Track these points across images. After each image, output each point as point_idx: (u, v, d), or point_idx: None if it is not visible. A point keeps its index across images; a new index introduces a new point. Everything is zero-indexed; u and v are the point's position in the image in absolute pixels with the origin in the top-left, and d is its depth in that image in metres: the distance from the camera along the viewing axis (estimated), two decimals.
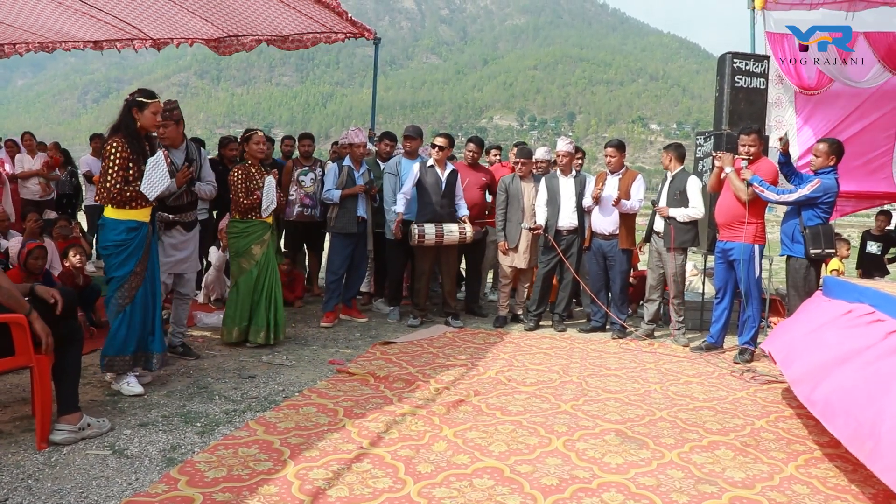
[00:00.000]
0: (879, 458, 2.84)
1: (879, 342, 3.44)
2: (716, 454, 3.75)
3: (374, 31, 8.32)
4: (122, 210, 4.35)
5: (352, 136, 7.01)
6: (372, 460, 3.49)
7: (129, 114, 4.39)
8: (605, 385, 5.12)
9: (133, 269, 4.36)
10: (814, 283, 5.78)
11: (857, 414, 3.10)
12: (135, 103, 4.39)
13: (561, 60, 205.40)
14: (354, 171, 6.97)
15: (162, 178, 4.42)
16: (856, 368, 3.42)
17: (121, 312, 4.36)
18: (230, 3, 7.08)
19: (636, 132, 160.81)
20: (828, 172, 5.68)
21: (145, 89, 4.49)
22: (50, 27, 8.08)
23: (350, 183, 6.90)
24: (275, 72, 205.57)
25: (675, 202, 6.58)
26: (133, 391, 4.43)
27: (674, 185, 6.64)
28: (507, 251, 7.24)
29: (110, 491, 3.05)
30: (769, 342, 5.04)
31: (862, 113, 8.38)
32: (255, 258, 5.80)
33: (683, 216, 6.54)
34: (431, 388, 4.79)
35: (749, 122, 6.48)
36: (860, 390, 3.22)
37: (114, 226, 4.35)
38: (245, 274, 5.80)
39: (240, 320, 5.81)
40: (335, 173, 6.95)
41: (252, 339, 5.84)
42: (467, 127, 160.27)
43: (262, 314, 5.82)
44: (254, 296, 5.81)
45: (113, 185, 4.27)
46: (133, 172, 4.34)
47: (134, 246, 4.36)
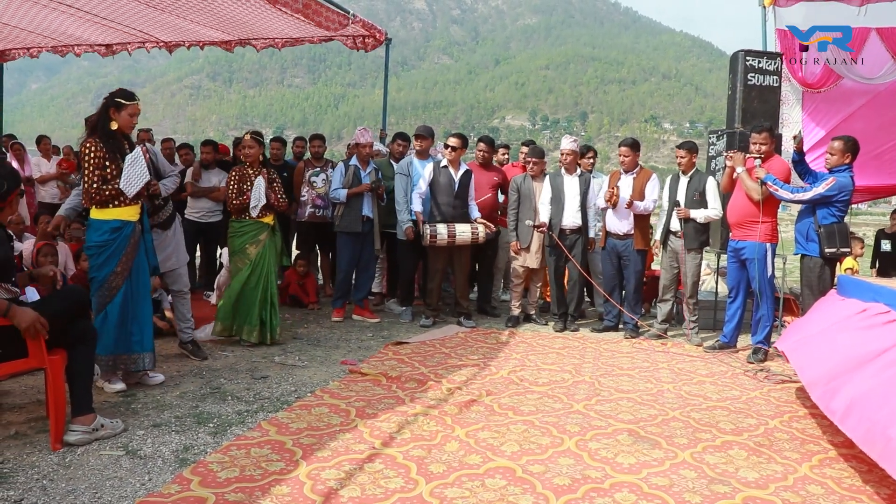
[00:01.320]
0: (892, 458, 2.81)
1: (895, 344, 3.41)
2: (729, 454, 3.73)
3: (385, 32, 8.33)
4: (105, 210, 4.38)
5: (358, 136, 7.10)
6: (384, 460, 3.49)
7: (105, 113, 4.40)
8: (618, 385, 5.10)
9: (114, 269, 4.37)
10: (828, 281, 5.73)
11: (871, 414, 3.08)
12: (113, 103, 4.40)
13: (573, 60, 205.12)
14: (361, 171, 7.03)
15: (141, 175, 4.42)
16: (871, 370, 3.39)
17: (100, 313, 4.36)
18: (239, 16, 7.11)
19: (649, 131, 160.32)
20: (843, 170, 5.63)
21: (125, 90, 4.49)
22: (63, 31, 8.15)
23: (356, 182, 6.96)
24: (287, 73, 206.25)
25: (695, 203, 6.54)
26: (113, 388, 4.47)
27: (692, 185, 6.60)
28: (519, 251, 7.23)
29: (124, 491, 3.06)
30: (783, 341, 5.01)
31: (873, 109, 8.31)
32: (250, 258, 5.88)
33: (703, 217, 6.50)
34: (444, 388, 4.78)
35: (761, 121, 6.44)
36: (875, 391, 3.19)
37: (98, 226, 4.38)
38: (239, 273, 5.90)
39: (224, 317, 5.89)
40: (342, 172, 7.02)
41: (246, 337, 5.89)
42: (479, 127, 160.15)
43: (256, 313, 5.87)
44: (246, 294, 5.86)
45: (91, 185, 4.30)
46: (111, 171, 4.35)
47: (116, 246, 4.37)
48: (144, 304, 4.60)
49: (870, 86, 8.23)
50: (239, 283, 5.86)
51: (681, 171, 6.75)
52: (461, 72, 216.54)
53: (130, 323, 4.50)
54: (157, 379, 4.70)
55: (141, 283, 4.56)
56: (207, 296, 7.99)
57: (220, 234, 7.93)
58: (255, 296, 5.84)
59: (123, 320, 4.46)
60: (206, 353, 5.55)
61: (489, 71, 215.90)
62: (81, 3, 6.92)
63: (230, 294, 5.88)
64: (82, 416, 3.61)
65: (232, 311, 5.88)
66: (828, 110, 8.38)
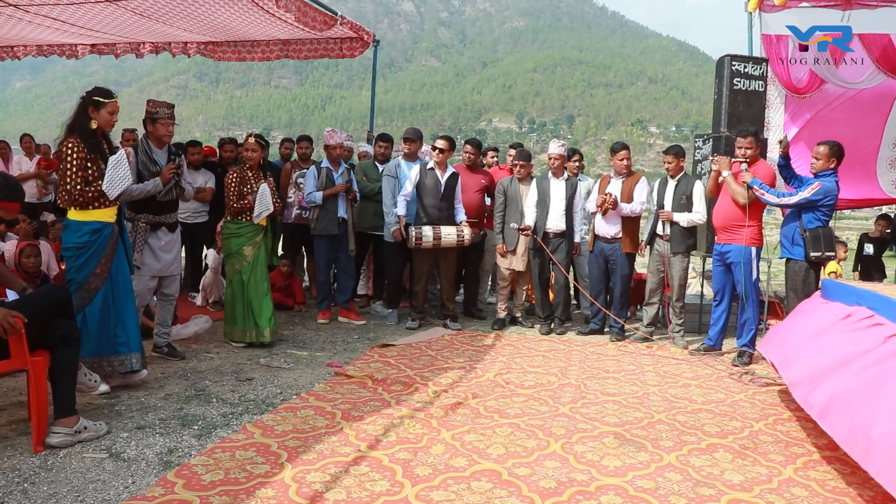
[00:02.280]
0: (874, 459, 2.83)
1: (878, 346, 3.43)
2: (714, 457, 3.74)
3: (372, 34, 8.32)
4: (85, 211, 4.32)
5: (326, 137, 7.08)
6: (370, 463, 3.48)
7: (84, 113, 4.34)
8: (604, 388, 5.11)
9: (93, 270, 4.32)
10: (813, 285, 5.77)
11: (853, 414, 3.10)
12: (91, 102, 4.34)
13: (560, 63, 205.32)
14: (333, 172, 7.01)
15: (123, 178, 4.38)
16: (853, 371, 3.41)
17: (79, 314, 4.29)
18: (226, 20, 7.10)
19: (635, 135, 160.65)
20: (828, 175, 5.67)
21: (102, 88, 4.44)
22: (47, 39, 8.14)
23: (329, 184, 6.93)
24: (274, 74, 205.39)
25: (682, 207, 6.56)
26: (97, 390, 4.41)
27: (679, 189, 6.62)
28: (506, 254, 7.23)
29: (107, 494, 3.03)
30: (765, 345, 5.04)
31: (853, 115, 8.38)
32: (248, 259, 5.90)
33: (687, 221, 6.52)
34: (429, 391, 4.78)
35: (747, 125, 6.47)
36: (857, 391, 3.22)
37: (77, 227, 4.31)
38: (237, 274, 5.91)
39: (242, 321, 5.92)
40: (314, 175, 6.99)
41: (256, 339, 5.95)
42: (466, 129, 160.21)
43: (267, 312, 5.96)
44: (248, 296, 5.90)
45: (73, 187, 4.23)
46: (93, 172, 4.30)
47: (95, 248, 4.32)
48: (128, 305, 4.54)
49: (852, 91, 8.30)
50: (238, 286, 5.90)
51: (669, 175, 6.77)
52: (448, 74, 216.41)
53: (113, 325, 4.45)
54: (142, 374, 4.64)
55: (122, 285, 4.51)
56: (192, 297, 7.95)
57: (206, 235, 7.89)
58: (263, 295, 5.94)
59: (105, 322, 4.40)
60: (183, 353, 5.55)
61: (476, 73, 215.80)
62: (66, 16, 6.91)
63: (236, 299, 5.91)
64: (65, 418, 3.58)
65: (244, 315, 5.91)
66: (808, 114, 8.45)
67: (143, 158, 5.00)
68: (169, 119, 5.06)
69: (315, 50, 8.24)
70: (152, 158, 5.05)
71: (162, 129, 5.05)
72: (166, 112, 5.05)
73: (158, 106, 5.06)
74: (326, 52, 8.22)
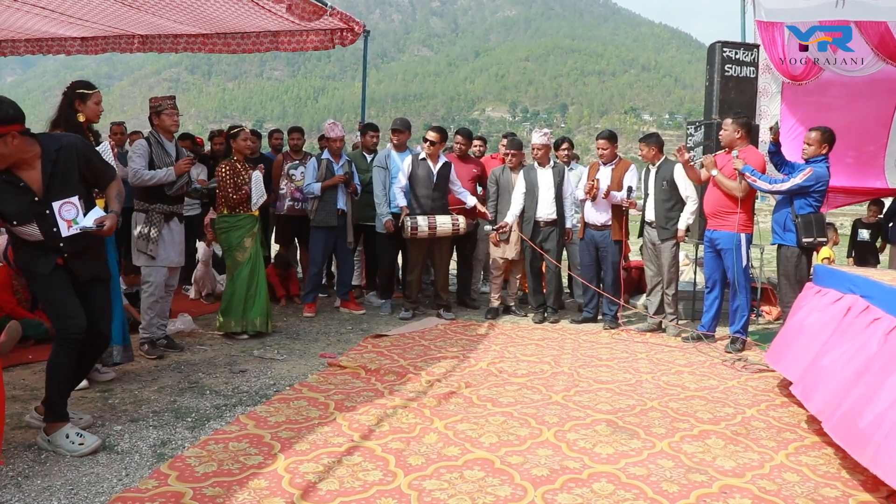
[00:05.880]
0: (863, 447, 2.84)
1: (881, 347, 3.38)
2: (706, 443, 3.76)
3: (363, 25, 8.28)
4: None
5: (327, 130, 7.07)
6: (363, 453, 3.49)
7: (71, 107, 4.34)
8: (597, 375, 5.12)
9: None
10: (805, 271, 5.77)
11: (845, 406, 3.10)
12: (76, 95, 4.36)
13: (552, 52, 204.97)
14: (334, 164, 7.01)
15: None
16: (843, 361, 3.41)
17: None
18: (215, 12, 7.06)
19: (629, 122, 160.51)
20: (819, 161, 5.66)
21: (83, 81, 4.48)
22: (38, 29, 8.09)
23: (329, 176, 6.93)
24: (266, 66, 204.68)
25: (664, 192, 6.56)
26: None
27: (660, 175, 6.61)
28: (499, 243, 7.23)
29: (100, 487, 3.04)
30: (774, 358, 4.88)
31: (854, 103, 8.32)
32: (249, 250, 5.95)
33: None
34: (423, 381, 4.79)
35: (739, 111, 6.46)
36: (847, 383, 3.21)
37: None
38: (240, 266, 5.95)
39: (234, 313, 5.95)
40: (314, 167, 7.01)
41: (250, 329, 6.00)
42: (459, 119, 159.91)
43: (261, 304, 6.02)
44: (250, 287, 5.96)
45: None
46: None
47: None
48: (113, 297, 4.54)
49: (851, 78, 8.24)
50: (243, 278, 5.93)
51: (648, 163, 6.78)
52: (441, 64, 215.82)
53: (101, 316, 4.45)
54: (108, 376, 4.63)
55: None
56: (186, 290, 7.94)
57: (198, 228, 7.88)
58: (261, 286, 6.02)
59: None
60: (181, 345, 5.59)
61: (469, 63, 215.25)
62: (55, 4, 6.88)
63: (237, 291, 5.93)
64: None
65: (242, 307, 5.95)
66: (806, 103, 8.39)
67: (157, 150, 5.18)
68: (173, 109, 5.27)
69: (305, 41, 8.19)
70: (165, 150, 5.22)
71: (168, 120, 5.24)
72: (169, 103, 5.26)
73: (161, 100, 5.27)
74: (316, 43, 8.17)
